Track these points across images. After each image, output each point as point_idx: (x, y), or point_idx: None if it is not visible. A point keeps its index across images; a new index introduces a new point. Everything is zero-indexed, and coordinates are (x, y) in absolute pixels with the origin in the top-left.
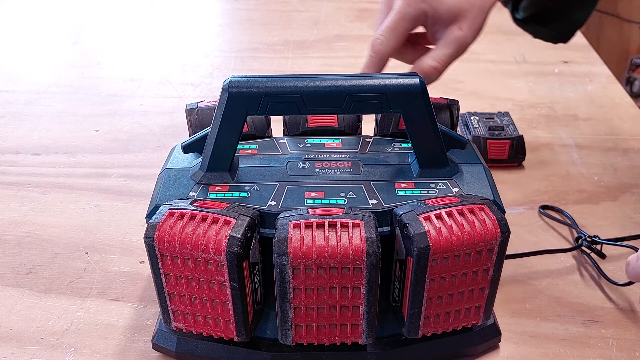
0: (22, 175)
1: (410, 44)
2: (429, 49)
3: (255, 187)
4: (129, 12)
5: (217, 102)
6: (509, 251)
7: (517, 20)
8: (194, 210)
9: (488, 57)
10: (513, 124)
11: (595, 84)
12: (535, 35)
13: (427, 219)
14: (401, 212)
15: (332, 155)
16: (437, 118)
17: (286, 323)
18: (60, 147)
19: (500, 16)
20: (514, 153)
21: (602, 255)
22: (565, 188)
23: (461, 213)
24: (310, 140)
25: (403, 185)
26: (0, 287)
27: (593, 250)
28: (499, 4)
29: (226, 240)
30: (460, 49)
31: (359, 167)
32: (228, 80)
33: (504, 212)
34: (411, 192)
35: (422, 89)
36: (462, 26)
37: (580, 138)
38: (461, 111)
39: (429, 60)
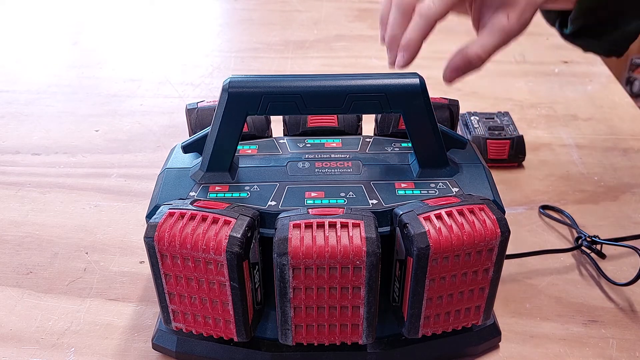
0: (22, 175)
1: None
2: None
3: (255, 187)
4: (129, 12)
5: (217, 102)
6: (509, 251)
7: (565, 36)
8: (194, 210)
9: None
10: (513, 124)
11: (595, 84)
12: (587, 49)
13: (427, 219)
14: (401, 212)
15: (332, 155)
16: (437, 118)
17: (286, 323)
18: (60, 147)
19: None
20: (514, 153)
21: (602, 255)
22: (565, 188)
23: (461, 213)
24: (310, 140)
25: (403, 185)
26: (0, 287)
27: (593, 250)
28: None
29: (226, 240)
30: (505, 40)
31: (359, 167)
32: (228, 80)
33: (504, 212)
34: (411, 192)
35: (422, 89)
36: (510, 15)
37: (580, 138)
38: (461, 111)
39: (475, 47)
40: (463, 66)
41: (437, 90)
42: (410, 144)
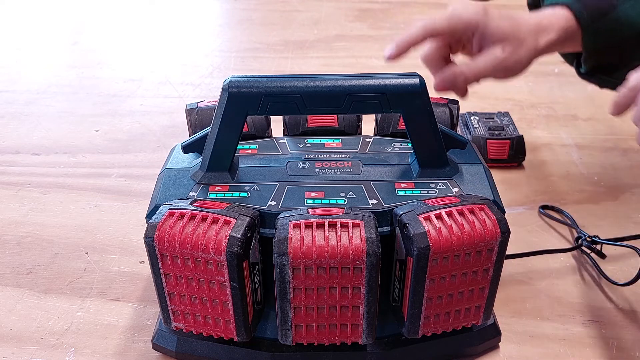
0: (22, 175)
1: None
2: None
3: (255, 187)
4: (129, 12)
5: (217, 102)
6: (509, 251)
7: (581, 75)
8: (194, 210)
9: None
10: (513, 124)
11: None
12: (602, 85)
13: (427, 219)
14: (401, 212)
15: (332, 155)
16: (437, 118)
17: (286, 323)
18: (60, 147)
19: None
20: (514, 153)
21: (602, 255)
22: (565, 188)
23: (461, 213)
24: (310, 140)
25: (403, 185)
26: (0, 287)
27: (593, 250)
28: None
29: (226, 240)
30: (496, 68)
31: (359, 167)
32: (228, 80)
33: (504, 212)
34: (411, 192)
35: (422, 88)
36: (505, 48)
37: (580, 138)
38: (461, 111)
39: (463, 66)
40: (448, 80)
41: None
42: (410, 144)
